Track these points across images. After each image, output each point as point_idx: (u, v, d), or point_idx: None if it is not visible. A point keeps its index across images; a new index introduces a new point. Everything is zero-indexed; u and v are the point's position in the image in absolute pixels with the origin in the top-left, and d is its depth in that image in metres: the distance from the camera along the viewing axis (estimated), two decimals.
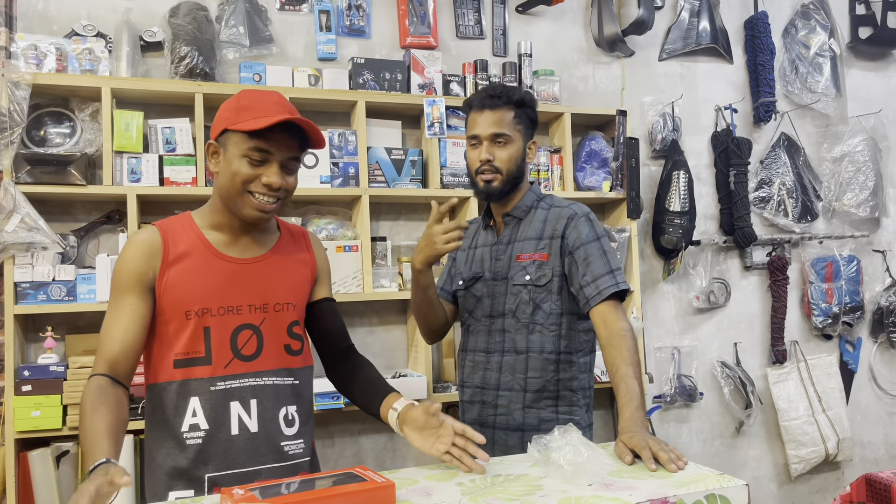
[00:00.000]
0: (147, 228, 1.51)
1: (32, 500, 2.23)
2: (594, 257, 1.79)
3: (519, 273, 1.87)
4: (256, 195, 1.44)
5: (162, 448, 1.47)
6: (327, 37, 2.80)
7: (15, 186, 2.22)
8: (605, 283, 1.75)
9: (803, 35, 3.54)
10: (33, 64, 2.34)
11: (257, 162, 1.43)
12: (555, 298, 1.83)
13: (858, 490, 1.90)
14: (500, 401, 1.87)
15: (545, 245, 1.86)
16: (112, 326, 1.43)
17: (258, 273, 1.52)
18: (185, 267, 1.46)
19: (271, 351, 1.51)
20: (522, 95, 1.90)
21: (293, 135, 1.46)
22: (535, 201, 1.94)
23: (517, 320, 1.86)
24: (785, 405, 3.36)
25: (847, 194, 3.52)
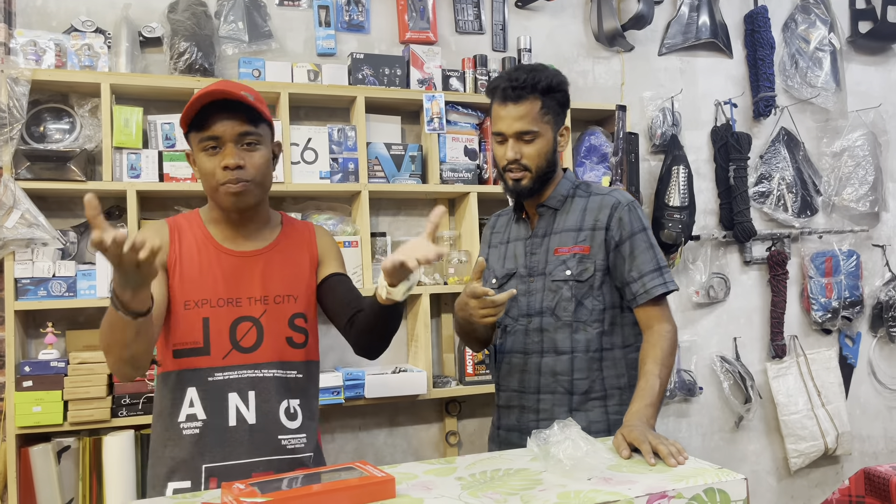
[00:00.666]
0: (156, 221, 1.60)
1: (34, 495, 2.23)
2: (640, 251, 1.71)
3: (558, 268, 1.76)
4: (224, 184, 1.46)
5: (162, 438, 1.49)
6: (326, 32, 2.79)
7: (15, 182, 2.22)
8: (653, 283, 1.69)
9: (803, 29, 3.53)
10: (32, 60, 2.33)
11: (212, 150, 1.46)
12: (597, 294, 1.74)
13: (857, 484, 1.91)
14: (542, 405, 1.77)
15: (586, 237, 1.75)
16: None
17: (259, 266, 1.54)
18: (186, 258, 1.51)
19: (271, 343, 1.52)
20: (550, 80, 1.73)
21: (237, 112, 1.46)
22: (572, 189, 1.82)
23: (557, 318, 1.76)
24: (784, 399, 3.37)
25: (847, 189, 3.52)
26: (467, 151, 2.81)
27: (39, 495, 2.24)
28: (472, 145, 2.82)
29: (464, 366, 2.74)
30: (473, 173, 2.80)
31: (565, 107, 1.80)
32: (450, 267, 2.73)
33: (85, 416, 2.23)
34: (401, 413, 2.83)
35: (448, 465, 1.39)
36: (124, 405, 2.28)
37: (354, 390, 2.52)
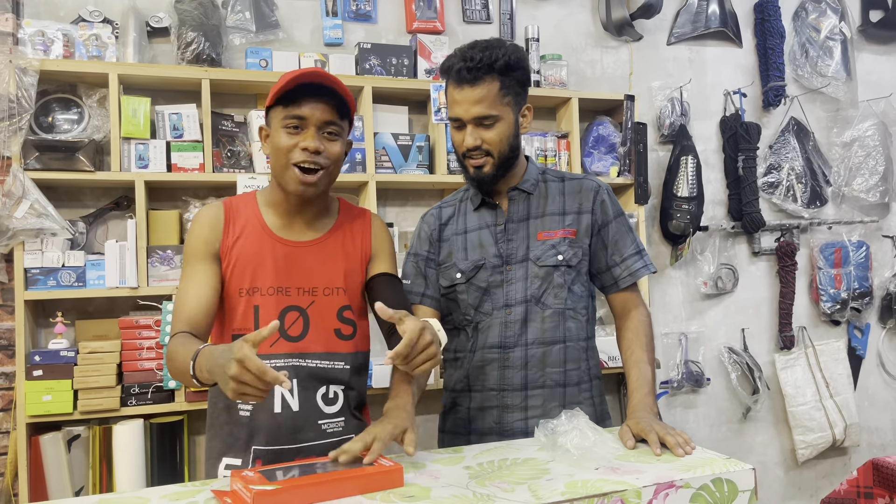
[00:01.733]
0: (213, 203, 1.59)
1: (44, 483, 2.25)
2: (622, 234, 1.69)
3: (547, 252, 1.66)
4: (300, 166, 1.46)
5: (222, 415, 1.53)
6: (333, 22, 2.79)
7: (24, 173, 2.23)
8: (637, 265, 1.68)
9: (814, 18, 3.50)
10: (40, 50, 2.34)
11: (294, 129, 1.47)
12: (584, 280, 1.70)
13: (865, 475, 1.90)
14: (532, 401, 1.66)
15: (573, 220, 1.69)
16: (186, 291, 1.47)
17: (309, 256, 1.55)
18: (240, 244, 1.52)
19: (318, 334, 1.53)
20: (508, 58, 1.58)
21: (327, 100, 1.48)
22: (540, 174, 1.76)
23: (545, 307, 1.66)
24: (792, 391, 3.36)
25: (857, 179, 3.50)
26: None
27: (50, 483, 2.25)
28: None
29: None
30: None
31: (526, 85, 1.66)
32: None
33: (94, 405, 2.25)
34: None
35: (456, 455, 1.40)
36: (133, 394, 2.30)
37: None
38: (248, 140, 2.57)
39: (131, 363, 2.31)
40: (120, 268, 2.32)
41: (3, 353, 2.38)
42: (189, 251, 1.52)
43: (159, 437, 2.34)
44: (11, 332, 2.36)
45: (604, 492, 1.12)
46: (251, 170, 2.53)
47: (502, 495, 1.12)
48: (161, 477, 2.32)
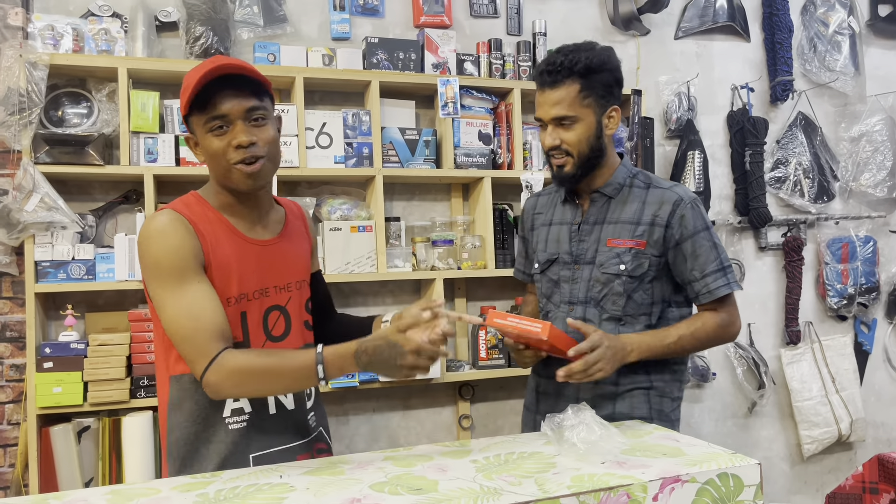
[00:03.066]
0: (165, 212, 1.41)
1: (54, 474, 2.28)
2: (703, 250, 1.67)
3: (611, 260, 1.70)
4: (237, 164, 1.39)
5: (202, 437, 1.43)
6: (341, 16, 2.79)
7: (34, 167, 2.25)
8: (716, 283, 1.66)
9: (822, 12, 3.49)
10: (50, 44, 2.35)
11: (220, 130, 1.38)
12: (646, 287, 1.70)
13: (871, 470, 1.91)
14: (582, 395, 1.73)
15: (644, 231, 1.69)
16: (201, 307, 1.35)
17: (278, 253, 1.53)
18: (220, 253, 1.42)
19: (296, 329, 1.54)
20: (590, 61, 1.64)
21: (240, 87, 1.39)
22: (629, 178, 1.75)
23: (602, 310, 1.71)
24: (798, 386, 3.36)
25: (864, 174, 3.49)
26: (481, 136, 2.81)
27: (60, 474, 2.28)
28: (486, 130, 2.82)
29: (477, 350, 2.75)
30: (487, 158, 2.80)
31: (612, 87, 1.70)
32: (463, 252, 2.74)
33: (104, 397, 2.27)
34: (414, 396, 2.85)
35: (463, 448, 1.41)
36: (142, 386, 2.32)
37: (369, 374, 2.54)
38: None
39: (140, 355, 2.32)
40: (129, 261, 2.33)
41: (14, 345, 2.40)
42: (175, 265, 1.36)
43: None
44: (22, 325, 2.39)
45: (610, 486, 1.13)
46: None
47: (509, 489, 1.13)
48: None
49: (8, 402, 2.39)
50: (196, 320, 1.35)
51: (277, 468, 1.33)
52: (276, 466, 1.35)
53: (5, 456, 2.38)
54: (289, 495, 1.14)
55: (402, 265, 2.68)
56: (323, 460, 1.37)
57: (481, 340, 2.75)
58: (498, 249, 2.80)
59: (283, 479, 1.24)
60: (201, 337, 1.34)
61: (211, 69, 1.35)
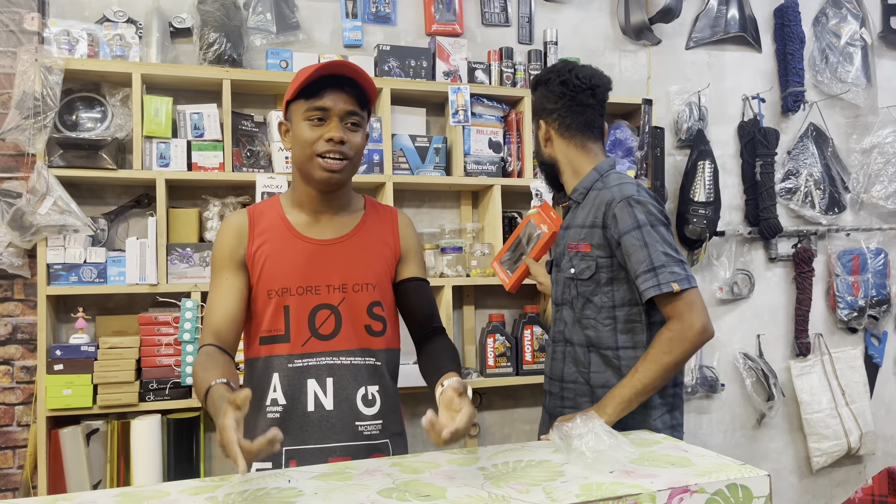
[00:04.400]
0: (237, 211, 1.60)
1: (63, 476, 2.29)
2: (634, 250, 1.65)
3: (566, 264, 1.80)
4: (324, 157, 1.47)
5: (251, 419, 1.53)
6: (353, 23, 2.81)
7: (48, 170, 2.27)
8: (646, 285, 1.63)
9: (834, 24, 3.48)
10: (65, 49, 2.37)
11: (317, 121, 1.47)
12: (605, 291, 1.72)
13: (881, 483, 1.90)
14: (567, 393, 1.80)
15: (587, 234, 1.74)
16: (213, 301, 1.52)
17: (337, 254, 1.55)
18: (266, 247, 1.53)
19: (350, 331, 1.54)
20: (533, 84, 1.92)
21: (348, 91, 1.48)
22: (595, 181, 1.80)
23: (572, 311, 1.80)
24: (808, 398, 3.34)
25: (876, 186, 3.48)
26: (492, 144, 2.81)
27: (68, 476, 2.29)
28: (496, 138, 2.82)
29: (485, 358, 2.75)
30: (498, 166, 2.80)
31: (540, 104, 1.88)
32: (472, 259, 2.74)
33: (113, 400, 2.28)
34: (422, 403, 2.84)
35: (471, 456, 1.41)
36: (152, 390, 2.32)
37: None
38: (267, 140, 2.60)
39: (150, 359, 2.34)
40: (140, 265, 2.35)
41: (25, 347, 2.42)
42: (214, 261, 1.55)
43: (176, 432, 2.37)
44: (33, 327, 2.40)
45: (618, 495, 1.13)
46: (270, 169, 2.56)
47: (517, 496, 1.13)
48: (177, 472, 2.35)
49: (18, 403, 2.40)
50: (208, 312, 1.52)
51: (286, 473, 1.33)
52: (285, 471, 1.35)
53: (14, 457, 2.39)
54: (297, 500, 1.14)
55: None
56: (331, 465, 1.37)
57: (489, 348, 2.74)
58: None
59: (291, 483, 1.24)
60: (205, 328, 1.51)
61: (331, 64, 1.45)
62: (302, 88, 1.47)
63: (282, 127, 1.56)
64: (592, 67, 1.87)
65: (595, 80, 1.83)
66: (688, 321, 1.61)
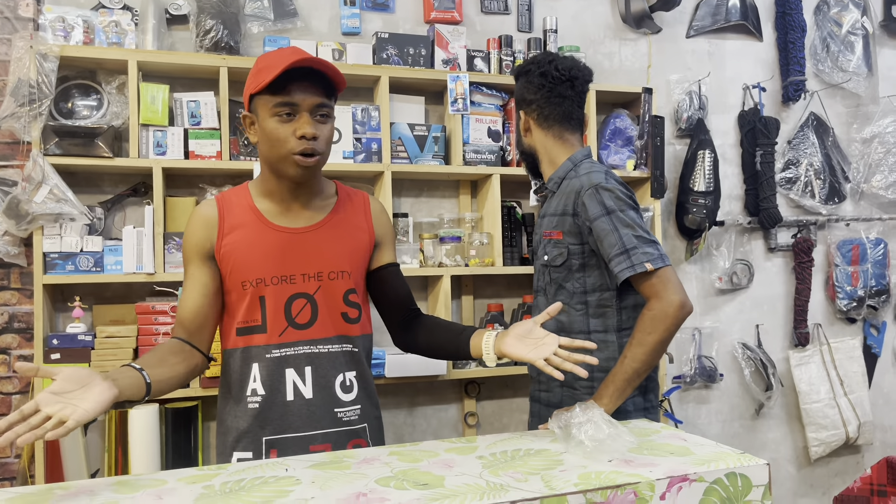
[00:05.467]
0: (206, 201, 1.57)
1: (60, 466, 2.28)
2: (604, 234, 1.68)
3: (541, 252, 1.86)
4: (297, 154, 1.45)
5: (229, 410, 1.55)
6: (351, 11, 2.78)
7: (43, 158, 2.25)
8: (620, 267, 1.66)
9: (835, 12, 3.46)
10: (61, 36, 2.35)
11: (287, 116, 1.44)
12: (576, 277, 1.78)
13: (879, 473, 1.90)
14: (542, 377, 1.88)
15: (559, 222, 1.80)
16: (183, 296, 1.54)
17: (311, 242, 1.54)
18: (237, 238, 1.51)
19: (327, 319, 1.53)
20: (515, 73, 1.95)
21: (315, 82, 1.45)
22: (568, 171, 1.85)
23: (546, 298, 1.86)
24: (806, 388, 3.34)
25: (876, 176, 3.47)
26: (491, 133, 2.80)
27: (66, 466, 2.28)
28: (495, 126, 2.81)
29: None
30: (497, 155, 2.79)
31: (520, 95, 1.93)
32: (471, 249, 2.73)
33: None
34: (420, 393, 2.84)
35: (469, 445, 1.40)
36: None
37: (375, 369, 2.54)
38: None
39: (147, 348, 2.33)
40: (137, 253, 2.34)
41: (22, 336, 2.41)
42: (184, 254, 1.56)
43: (174, 421, 2.36)
44: (30, 316, 2.39)
45: (617, 484, 1.12)
46: None
47: (515, 485, 1.12)
48: (175, 461, 2.34)
49: (15, 392, 2.40)
50: (179, 304, 1.55)
51: (284, 461, 1.32)
52: (282, 460, 1.35)
53: (12, 447, 2.39)
54: (294, 488, 1.14)
55: (410, 261, 2.68)
56: (329, 454, 1.36)
57: None
58: (506, 247, 2.79)
59: (288, 472, 1.23)
60: (176, 320, 1.55)
61: (299, 59, 1.40)
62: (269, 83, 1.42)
63: (246, 119, 1.52)
64: (573, 59, 1.89)
65: (574, 71, 1.86)
66: (666, 298, 1.64)
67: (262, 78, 1.43)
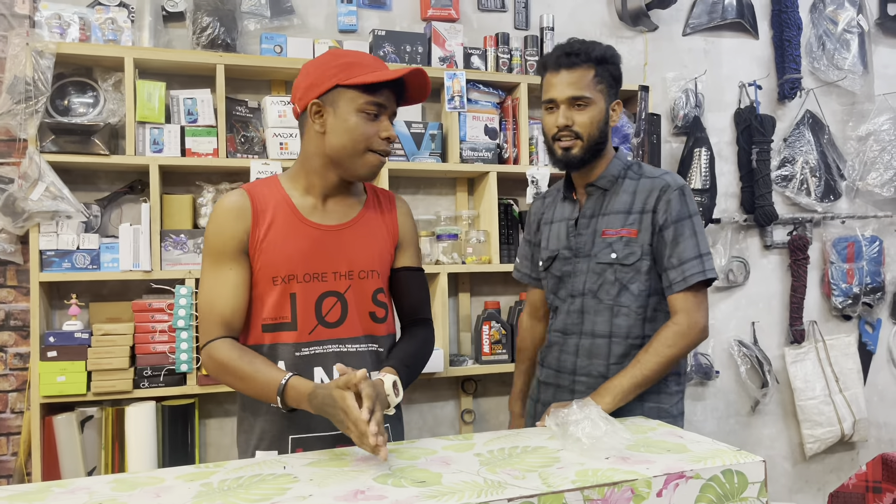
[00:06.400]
0: (235, 192, 1.50)
1: (57, 463, 2.28)
2: (684, 237, 1.66)
3: (604, 250, 1.73)
4: (376, 152, 1.47)
5: (252, 408, 1.52)
6: (348, 8, 2.78)
7: (40, 155, 2.25)
8: (692, 269, 1.65)
9: (831, 10, 3.47)
10: (57, 33, 2.34)
11: (372, 116, 1.46)
12: (643, 279, 1.70)
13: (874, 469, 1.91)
14: (578, 387, 1.77)
15: (635, 220, 1.71)
16: (217, 290, 1.46)
17: (343, 240, 1.53)
18: (272, 232, 1.48)
19: (356, 318, 1.53)
20: (604, 51, 1.72)
21: (397, 90, 1.50)
22: (623, 170, 1.77)
23: (598, 301, 1.74)
24: (802, 385, 3.35)
25: (871, 174, 3.48)
26: (487, 130, 2.80)
27: (62, 463, 2.28)
28: (492, 124, 2.81)
29: (480, 345, 2.75)
30: (493, 152, 2.79)
31: (618, 81, 1.78)
32: (468, 246, 2.74)
33: (107, 387, 2.27)
34: (417, 390, 2.85)
35: (466, 442, 1.40)
36: (146, 377, 2.32)
37: None
38: (261, 126, 2.58)
39: (144, 346, 2.33)
40: (133, 251, 2.34)
41: (18, 333, 2.41)
42: (215, 246, 1.47)
43: (171, 419, 2.36)
44: (26, 314, 2.39)
45: (614, 481, 1.13)
46: (264, 155, 2.54)
47: (513, 482, 1.13)
48: (172, 458, 2.35)
49: (11, 390, 2.40)
50: (211, 302, 1.46)
51: (281, 459, 1.32)
52: (280, 457, 1.35)
53: (8, 444, 2.39)
54: (292, 486, 1.14)
55: None
56: (327, 451, 1.37)
57: (485, 335, 2.74)
58: (503, 244, 2.80)
59: (286, 470, 1.24)
60: (210, 318, 1.46)
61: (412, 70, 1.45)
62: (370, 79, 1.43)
63: (313, 108, 1.46)
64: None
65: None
66: (694, 318, 1.67)
67: (357, 73, 1.43)
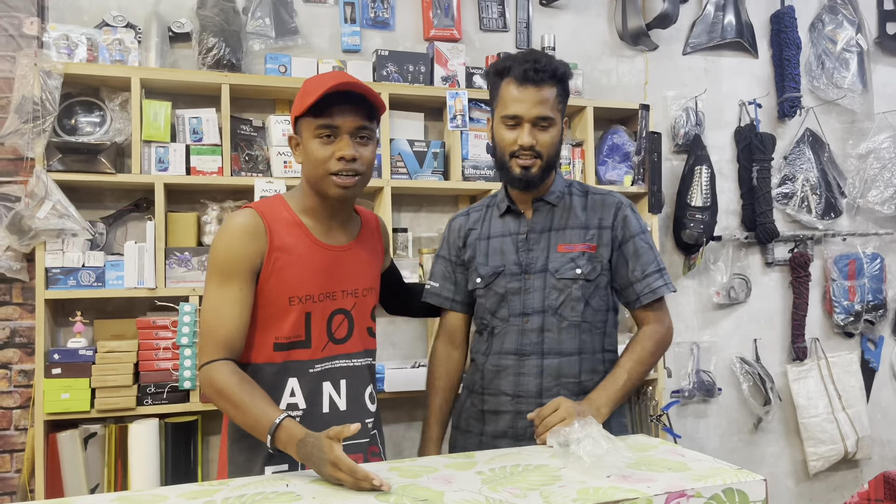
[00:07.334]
0: (245, 212, 1.50)
1: (60, 480, 2.28)
2: (644, 251, 1.71)
3: (566, 266, 1.69)
4: (338, 174, 1.48)
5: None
6: (352, 29, 2.82)
7: (47, 174, 2.27)
8: (658, 283, 1.70)
9: (830, 30, 3.50)
10: (65, 54, 2.38)
11: (327, 138, 1.48)
12: (602, 294, 1.72)
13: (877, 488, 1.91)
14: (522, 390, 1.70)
15: (594, 235, 1.71)
16: (222, 311, 1.45)
17: (349, 259, 1.60)
18: (288, 253, 1.50)
19: (359, 334, 1.61)
20: (565, 68, 1.68)
21: (356, 105, 1.48)
22: (566, 185, 1.79)
23: (561, 318, 1.69)
24: (804, 402, 3.35)
25: (872, 191, 3.49)
26: (489, 149, 2.82)
27: (66, 480, 2.29)
28: None
29: None
30: (495, 171, 2.81)
31: (568, 98, 1.75)
32: None
33: (111, 404, 2.28)
34: (419, 407, 2.85)
35: (468, 460, 1.41)
36: (150, 394, 2.32)
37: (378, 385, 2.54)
38: (266, 144, 2.60)
39: (148, 363, 2.34)
40: (138, 269, 2.35)
41: (23, 350, 2.42)
42: (225, 265, 1.46)
43: (174, 436, 2.37)
44: (31, 331, 2.40)
45: (615, 499, 1.13)
46: (269, 174, 2.56)
47: (514, 501, 1.13)
48: (175, 476, 2.35)
49: (16, 407, 2.40)
50: (215, 321, 1.45)
51: (284, 477, 1.33)
52: (283, 475, 1.36)
53: (12, 461, 2.39)
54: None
55: (410, 276, 2.69)
56: None
57: None
58: None
59: (289, 487, 1.24)
60: (212, 338, 1.45)
61: (338, 84, 1.44)
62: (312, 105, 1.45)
63: (292, 141, 1.56)
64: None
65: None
66: (667, 324, 1.76)
67: (306, 101, 1.46)
